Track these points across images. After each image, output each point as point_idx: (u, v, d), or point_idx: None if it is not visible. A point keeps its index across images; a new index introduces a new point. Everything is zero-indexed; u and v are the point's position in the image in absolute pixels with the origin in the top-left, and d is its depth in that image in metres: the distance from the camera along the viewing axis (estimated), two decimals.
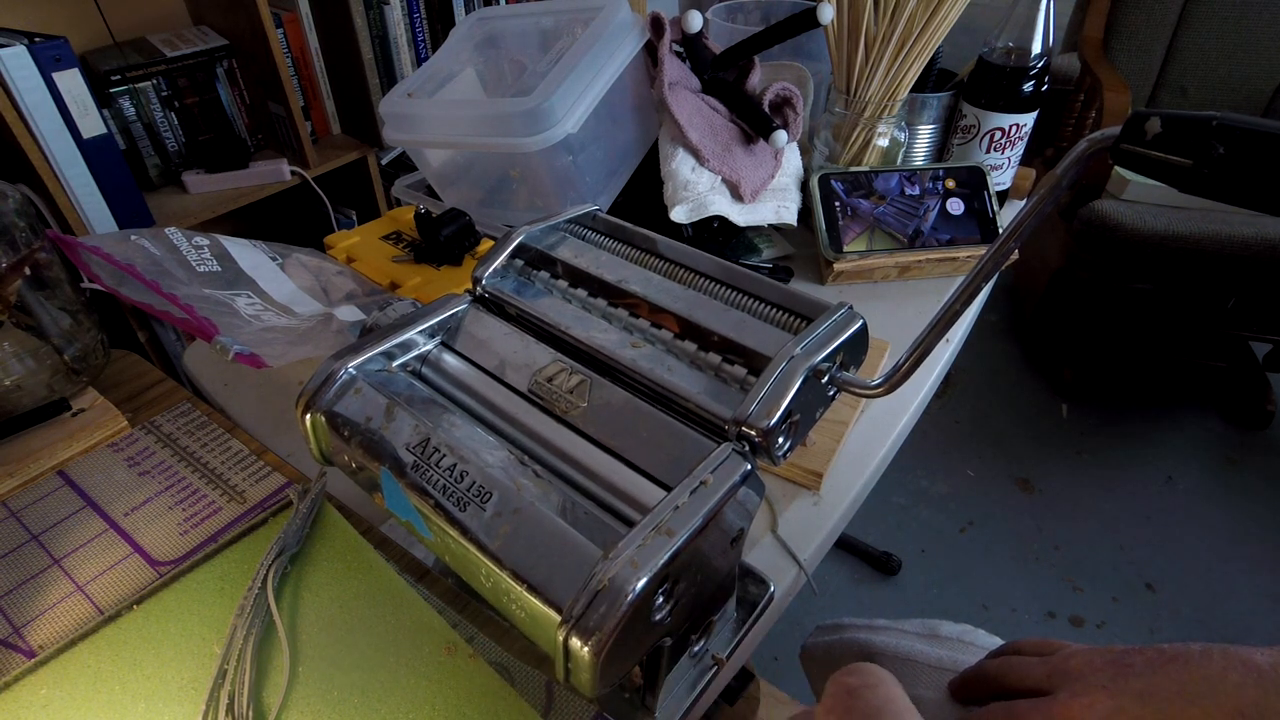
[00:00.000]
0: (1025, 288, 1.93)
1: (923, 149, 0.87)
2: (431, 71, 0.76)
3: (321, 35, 1.35)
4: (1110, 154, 0.28)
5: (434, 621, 0.42)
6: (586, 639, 0.27)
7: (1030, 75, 0.78)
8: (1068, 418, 1.68)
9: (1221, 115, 0.26)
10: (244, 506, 0.50)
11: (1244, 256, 1.35)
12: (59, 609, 0.43)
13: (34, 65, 0.98)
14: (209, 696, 0.38)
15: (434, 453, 0.34)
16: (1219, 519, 1.46)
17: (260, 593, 0.42)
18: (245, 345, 0.47)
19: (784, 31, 0.73)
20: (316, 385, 0.38)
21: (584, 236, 0.46)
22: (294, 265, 0.65)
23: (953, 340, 0.71)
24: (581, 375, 0.38)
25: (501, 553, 0.31)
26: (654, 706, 0.39)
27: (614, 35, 0.68)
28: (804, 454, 0.55)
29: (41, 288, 0.53)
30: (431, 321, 0.42)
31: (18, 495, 0.50)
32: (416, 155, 0.79)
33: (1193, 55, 1.58)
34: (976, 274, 0.33)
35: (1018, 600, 1.32)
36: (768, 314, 0.38)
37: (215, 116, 1.31)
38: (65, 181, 1.06)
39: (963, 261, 0.75)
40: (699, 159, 0.71)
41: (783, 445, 0.34)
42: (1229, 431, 1.64)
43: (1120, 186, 1.43)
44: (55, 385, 0.55)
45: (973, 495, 1.51)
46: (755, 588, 0.47)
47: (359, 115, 1.43)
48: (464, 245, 0.68)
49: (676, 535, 0.29)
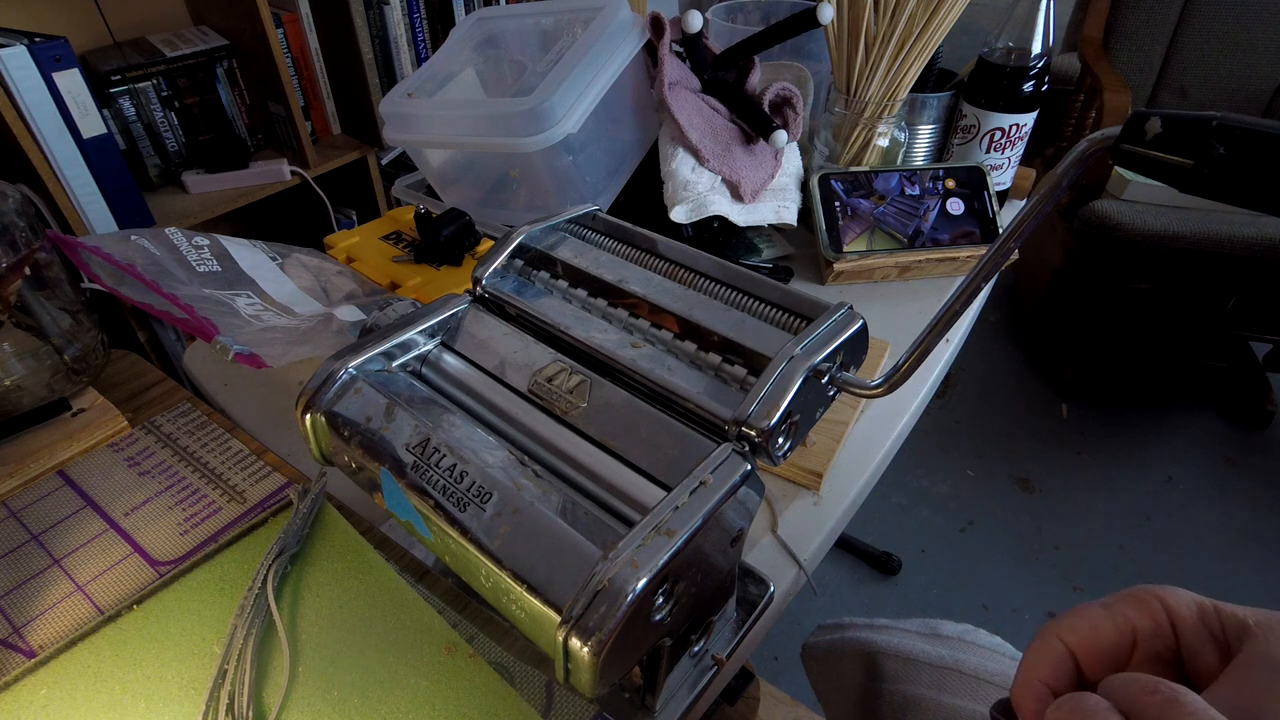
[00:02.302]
0: (1025, 288, 1.93)
1: (923, 149, 0.87)
2: (431, 71, 0.76)
3: (321, 35, 1.35)
4: (1110, 154, 0.28)
5: (434, 621, 0.42)
6: (586, 639, 0.27)
7: (1030, 75, 0.78)
8: (1068, 418, 1.68)
9: (1221, 115, 0.26)
10: (244, 506, 0.50)
11: (1244, 256, 1.35)
12: (59, 609, 0.43)
13: (34, 65, 0.97)
14: (209, 696, 0.38)
15: (434, 453, 0.34)
16: (1219, 519, 1.46)
17: (260, 593, 0.42)
18: (245, 345, 0.47)
19: (784, 31, 0.73)
20: (316, 385, 0.38)
21: (584, 236, 0.46)
22: (294, 265, 0.65)
23: (953, 340, 0.71)
24: (581, 375, 0.38)
25: (501, 553, 0.31)
26: (654, 706, 0.39)
27: (614, 35, 0.68)
28: (804, 454, 0.55)
29: (41, 288, 0.53)
30: (431, 321, 0.42)
31: (18, 495, 0.50)
32: (416, 155, 0.79)
33: (1193, 55, 1.58)
34: (976, 274, 0.33)
35: (1018, 600, 1.32)
36: (768, 314, 0.38)
37: (215, 116, 1.31)
38: (65, 181, 1.06)
39: (963, 261, 0.75)
40: (699, 159, 0.71)
41: (783, 445, 0.34)
42: (1229, 431, 1.64)
43: (1120, 186, 1.43)
44: (55, 385, 0.55)
45: (973, 495, 1.51)
46: (755, 588, 0.47)
47: (359, 115, 1.43)
48: (464, 245, 0.68)
49: (676, 535, 0.29)
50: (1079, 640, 0.27)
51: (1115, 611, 0.27)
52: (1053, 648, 0.28)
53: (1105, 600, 0.28)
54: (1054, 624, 0.28)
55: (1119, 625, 0.27)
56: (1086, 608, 0.28)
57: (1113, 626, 0.27)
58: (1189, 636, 0.26)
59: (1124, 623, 0.27)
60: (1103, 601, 0.28)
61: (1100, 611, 0.27)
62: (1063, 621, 0.28)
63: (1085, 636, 0.27)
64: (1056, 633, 0.28)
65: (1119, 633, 0.27)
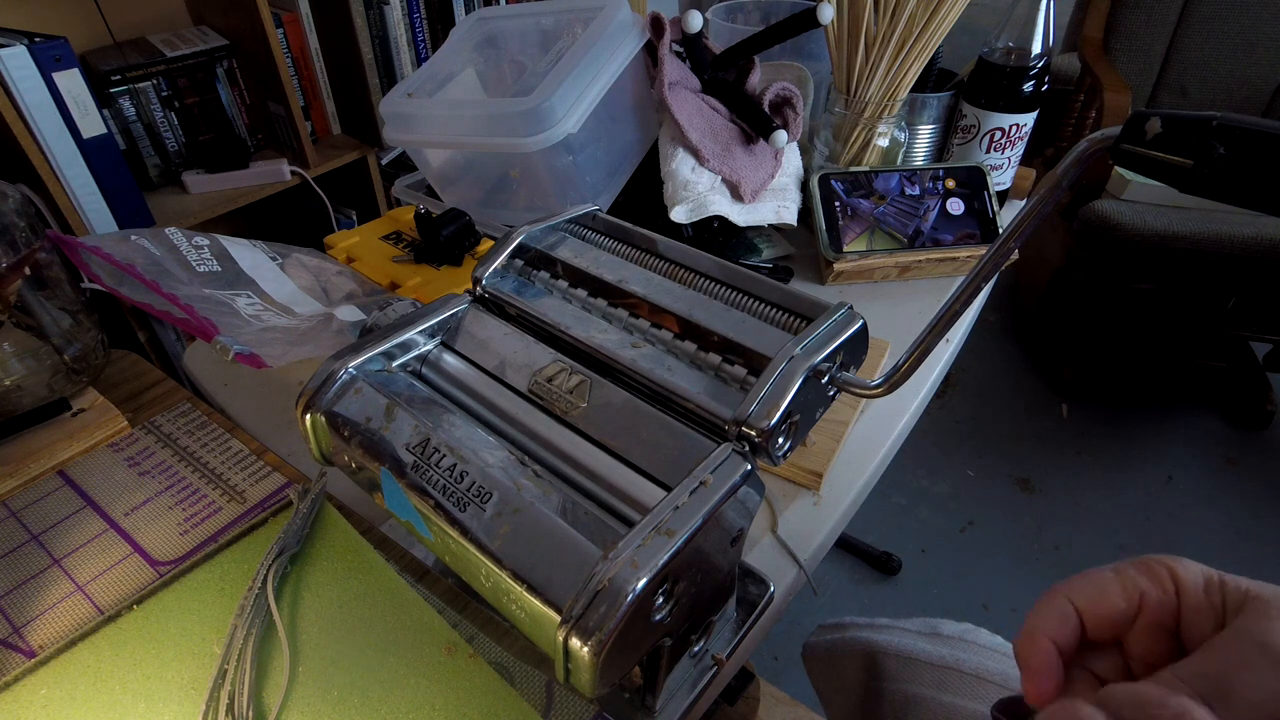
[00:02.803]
0: (1025, 288, 1.93)
1: (923, 149, 0.87)
2: (431, 71, 0.76)
3: (321, 35, 1.35)
4: (1110, 154, 0.28)
5: (434, 621, 0.42)
6: (586, 639, 0.27)
7: (1030, 75, 0.78)
8: (1068, 418, 1.68)
9: (1222, 115, 0.26)
10: (244, 506, 0.50)
11: (1244, 256, 1.35)
12: (59, 609, 0.43)
13: (34, 65, 0.97)
14: (209, 696, 0.38)
15: (434, 453, 0.34)
16: (1219, 519, 1.46)
17: (260, 593, 0.42)
18: (245, 345, 0.47)
19: (784, 31, 0.73)
20: (316, 385, 0.38)
21: (584, 236, 0.46)
22: (294, 265, 0.65)
23: (953, 340, 0.71)
24: (581, 375, 0.38)
25: (501, 553, 0.31)
26: (654, 706, 0.39)
27: (614, 35, 0.68)
28: (804, 454, 0.55)
29: (41, 288, 0.53)
30: (431, 321, 0.42)
31: (18, 495, 0.50)
32: (416, 155, 0.79)
33: (1193, 55, 1.58)
34: (976, 274, 0.33)
35: (1018, 600, 1.32)
36: (768, 314, 0.38)
37: (215, 116, 1.31)
38: (65, 181, 1.06)
39: (963, 261, 0.75)
40: (699, 159, 0.71)
41: (783, 445, 0.34)
42: (1229, 431, 1.64)
43: (1120, 186, 1.43)
44: (55, 385, 0.55)
45: (973, 495, 1.51)
46: (755, 588, 0.47)
47: (359, 115, 1.43)
48: (464, 245, 0.68)
49: (676, 535, 0.29)
50: (1086, 603, 0.28)
51: (1124, 578, 0.27)
52: (1060, 607, 0.28)
53: (1116, 566, 0.28)
54: (1063, 584, 0.28)
55: (1126, 592, 0.27)
56: (1096, 572, 0.28)
57: (1120, 592, 0.27)
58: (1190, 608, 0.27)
59: (1132, 590, 0.27)
60: (1113, 567, 0.28)
61: (1110, 576, 0.28)
62: (1072, 583, 0.28)
63: (1092, 600, 0.28)
64: (1066, 592, 0.28)
65: (1126, 599, 0.27)
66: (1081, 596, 0.28)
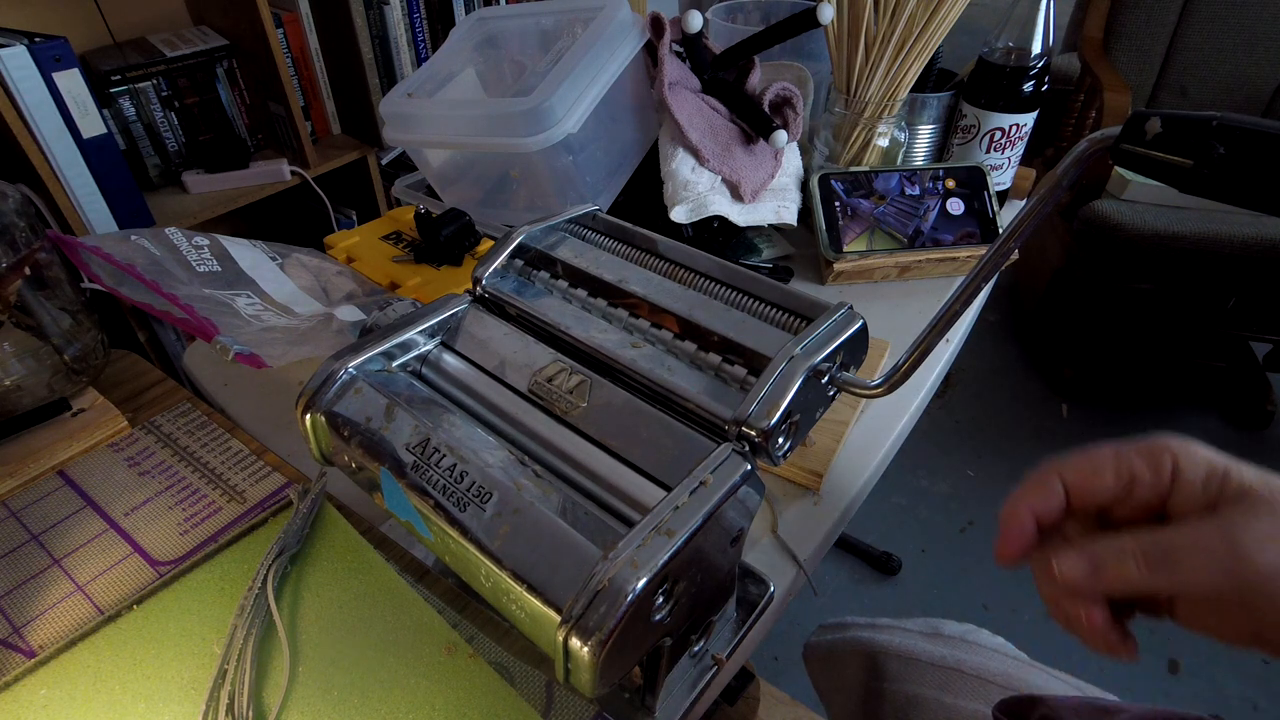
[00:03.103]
0: (1025, 288, 1.93)
1: (923, 149, 0.87)
2: (431, 71, 0.76)
3: (321, 35, 1.35)
4: (1110, 154, 0.28)
5: (434, 621, 0.42)
6: (586, 639, 0.27)
7: (1030, 75, 0.78)
8: (1068, 417, 1.68)
9: (1222, 115, 0.26)
10: (244, 506, 0.50)
11: (1244, 256, 1.35)
12: (59, 609, 0.43)
13: (34, 65, 0.98)
14: (209, 696, 0.38)
15: (434, 453, 0.34)
16: None
17: (260, 593, 0.42)
18: (245, 345, 0.47)
19: (784, 31, 0.73)
20: (316, 385, 0.38)
21: (584, 236, 0.46)
22: (294, 265, 0.65)
23: (953, 340, 0.71)
24: (581, 375, 0.38)
25: (501, 553, 0.30)
26: (654, 706, 0.39)
27: (614, 35, 0.68)
28: (804, 454, 0.55)
29: (41, 288, 0.53)
30: (431, 321, 0.42)
31: (18, 495, 0.50)
32: (416, 155, 0.79)
33: (1193, 55, 1.58)
34: (976, 274, 0.33)
35: (1018, 600, 1.32)
36: (768, 314, 0.38)
37: (215, 116, 1.31)
38: (65, 181, 1.06)
39: (963, 261, 0.75)
40: (699, 159, 0.71)
41: (783, 445, 0.34)
42: (1229, 431, 1.64)
43: (1120, 186, 1.43)
44: (55, 385, 0.55)
45: (973, 495, 1.51)
46: (755, 588, 0.46)
47: (359, 115, 1.43)
48: (464, 245, 0.68)
49: (676, 535, 0.29)
50: (1076, 480, 0.29)
51: (1123, 460, 0.28)
52: (1049, 484, 0.29)
53: (1121, 446, 0.29)
54: (1060, 462, 0.30)
55: (1119, 474, 0.28)
56: (1098, 451, 0.29)
57: (1113, 474, 0.28)
58: (1182, 496, 0.27)
59: (1125, 473, 0.28)
60: (1117, 447, 0.29)
61: (1109, 457, 0.29)
62: (1069, 461, 0.29)
63: (1085, 478, 0.29)
64: (1059, 471, 0.29)
65: (1117, 480, 0.28)
66: (1074, 474, 0.29)
